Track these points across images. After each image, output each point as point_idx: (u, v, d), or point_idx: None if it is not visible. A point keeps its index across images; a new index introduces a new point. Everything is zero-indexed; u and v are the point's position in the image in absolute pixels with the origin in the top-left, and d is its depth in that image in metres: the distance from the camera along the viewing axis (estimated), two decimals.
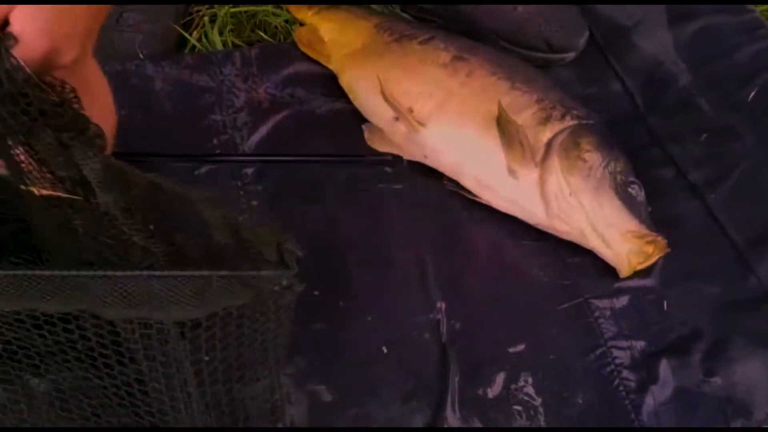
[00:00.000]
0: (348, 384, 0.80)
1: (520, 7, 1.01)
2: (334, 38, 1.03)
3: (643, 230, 0.81)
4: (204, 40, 1.06)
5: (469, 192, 0.90)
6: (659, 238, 0.81)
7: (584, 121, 0.87)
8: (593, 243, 0.84)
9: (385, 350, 0.81)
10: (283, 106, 1.00)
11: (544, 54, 1.02)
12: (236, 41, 1.07)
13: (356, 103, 0.98)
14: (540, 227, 0.88)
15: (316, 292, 0.86)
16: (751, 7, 0.98)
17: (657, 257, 0.83)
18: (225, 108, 0.99)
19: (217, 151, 0.95)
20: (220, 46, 1.06)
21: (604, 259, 0.84)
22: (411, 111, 0.91)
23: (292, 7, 1.08)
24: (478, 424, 0.77)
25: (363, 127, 0.96)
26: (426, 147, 0.91)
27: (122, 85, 0.99)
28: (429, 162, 0.92)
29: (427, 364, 0.80)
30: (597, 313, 0.83)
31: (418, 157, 0.93)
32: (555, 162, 0.84)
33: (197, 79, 1.00)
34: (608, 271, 0.85)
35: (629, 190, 0.83)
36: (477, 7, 1.04)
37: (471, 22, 1.05)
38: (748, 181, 0.87)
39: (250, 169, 0.94)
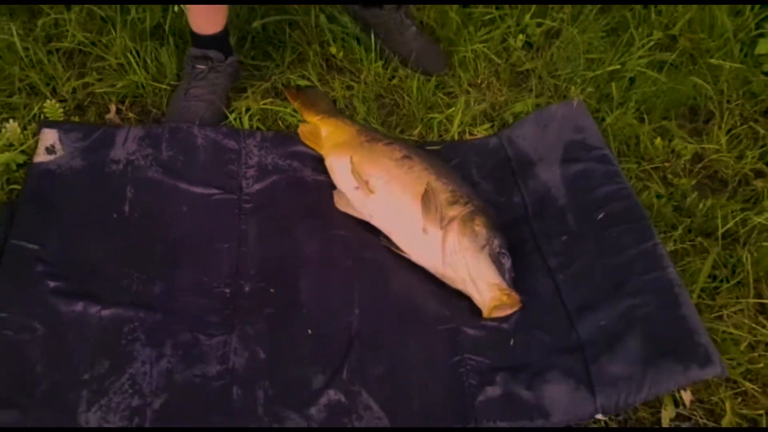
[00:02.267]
0: (279, 348, 1.14)
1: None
2: (328, 135, 1.45)
3: (503, 285, 1.17)
4: (238, 121, 1.50)
5: (397, 246, 1.27)
6: (514, 293, 1.17)
7: (480, 208, 1.25)
8: (470, 289, 1.20)
9: (309, 332, 1.16)
10: (282, 171, 1.40)
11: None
12: (260, 126, 1.50)
13: (333, 177, 1.38)
14: (439, 276, 1.24)
15: (272, 290, 1.22)
16: (614, 161, 1.38)
17: (512, 309, 1.18)
18: (241, 164, 1.40)
19: (227, 188, 1.35)
20: (247, 126, 1.49)
21: (476, 303, 1.19)
22: (367, 183, 1.31)
23: (305, 113, 1.52)
24: (359, 389, 1.09)
25: (333, 192, 1.35)
26: (372, 209, 1.30)
27: (174, 137, 1.41)
28: (373, 221, 1.31)
29: (336, 346, 1.14)
30: (463, 335, 1.17)
31: (366, 217, 1.31)
32: (455, 227, 1.21)
33: (226, 142, 1.43)
34: (480, 313, 1.19)
35: (500, 257, 1.20)
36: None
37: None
38: (584, 270, 1.23)
39: (249, 205, 1.33)
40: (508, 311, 1.19)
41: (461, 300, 1.22)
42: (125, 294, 1.19)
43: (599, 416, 1.08)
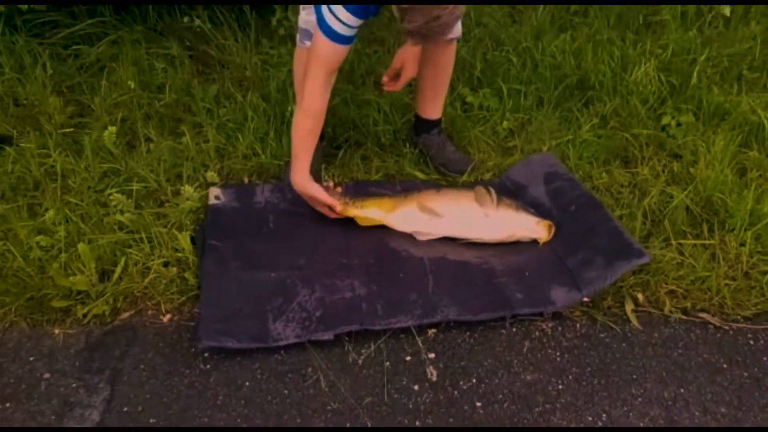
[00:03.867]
0: (385, 284, 1.83)
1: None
2: (379, 210, 2.11)
3: (541, 219, 1.96)
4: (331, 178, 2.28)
5: (473, 240, 1.99)
6: (547, 221, 1.95)
7: (507, 199, 2.02)
8: (528, 233, 1.96)
9: (401, 275, 1.86)
10: None
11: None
12: (345, 180, 2.28)
13: (400, 229, 2.04)
14: (505, 239, 1.96)
15: (372, 260, 1.92)
16: (577, 181, 2.17)
17: (553, 229, 1.95)
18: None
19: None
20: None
21: (535, 237, 1.95)
22: (435, 212, 2.04)
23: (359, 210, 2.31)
24: (439, 296, 1.77)
25: (412, 234, 2.03)
26: (446, 225, 2.01)
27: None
28: (450, 234, 2.00)
29: (420, 279, 1.84)
30: (496, 269, 1.88)
31: (442, 234, 2.00)
32: (501, 206, 1.98)
33: None
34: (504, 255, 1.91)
35: (530, 211, 1.98)
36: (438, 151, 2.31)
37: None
38: (567, 234, 1.97)
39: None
40: (553, 230, 1.96)
41: (488, 252, 1.95)
42: (282, 266, 1.90)
43: (585, 299, 1.78)
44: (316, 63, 1.90)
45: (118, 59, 2.77)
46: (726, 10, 3.10)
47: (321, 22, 1.83)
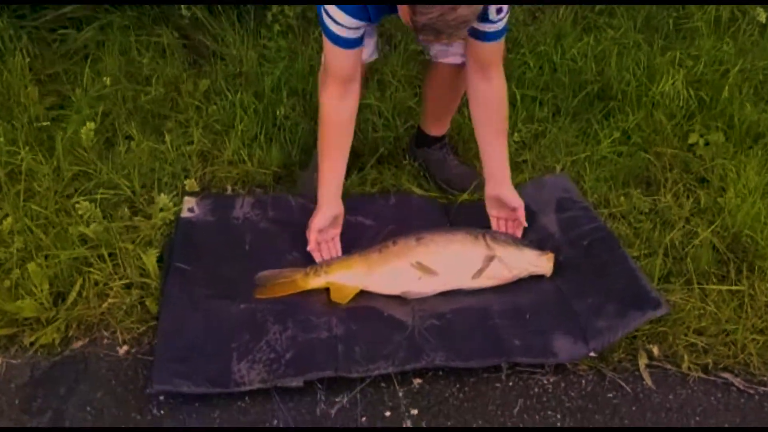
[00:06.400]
0: (365, 323, 1.63)
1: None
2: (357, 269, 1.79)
3: (541, 252, 1.75)
4: None
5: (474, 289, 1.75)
6: (550, 253, 1.74)
7: (493, 232, 1.81)
8: (531, 269, 1.74)
9: (385, 314, 1.66)
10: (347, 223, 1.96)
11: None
12: None
13: (383, 291, 1.73)
14: (509, 280, 1.74)
15: None
16: (593, 210, 1.96)
17: (553, 260, 1.74)
18: None
19: None
20: None
21: (540, 273, 1.74)
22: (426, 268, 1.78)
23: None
24: (425, 340, 1.57)
25: (401, 294, 1.74)
26: (440, 283, 1.74)
27: (276, 202, 1.98)
28: (446, 288, 1.74)
29: (404, 319, 1.64)
30: (492, 311, 1.68)
31: (437, 290, 1.74)
32: (501, 246, 1.76)
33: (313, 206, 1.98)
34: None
35: (530, 245, 1.77)
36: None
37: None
38: (575, 273, 1.76)
39: None
40: (552, 262, 1.76)
41: (485, 295, 1.74)
42: (254, 296, 1.70)
43: (592, 354, 1.57)
44: (324, 70, 1.80)
45: (105, 47, 2.59)
46: (761, 16, 2.84)
47: (321, 24, 1.70)
